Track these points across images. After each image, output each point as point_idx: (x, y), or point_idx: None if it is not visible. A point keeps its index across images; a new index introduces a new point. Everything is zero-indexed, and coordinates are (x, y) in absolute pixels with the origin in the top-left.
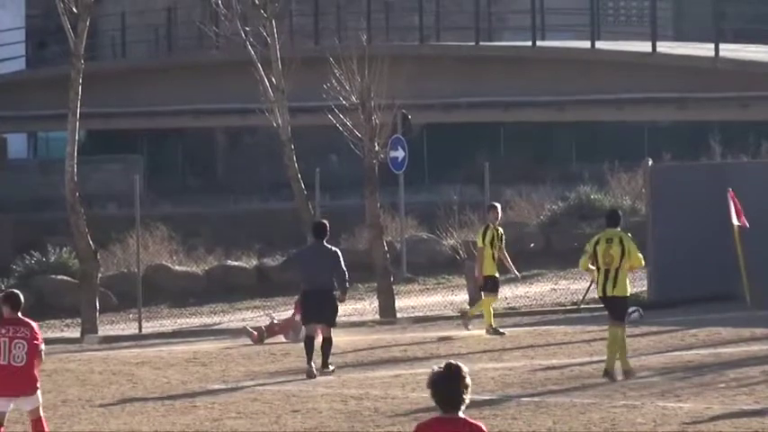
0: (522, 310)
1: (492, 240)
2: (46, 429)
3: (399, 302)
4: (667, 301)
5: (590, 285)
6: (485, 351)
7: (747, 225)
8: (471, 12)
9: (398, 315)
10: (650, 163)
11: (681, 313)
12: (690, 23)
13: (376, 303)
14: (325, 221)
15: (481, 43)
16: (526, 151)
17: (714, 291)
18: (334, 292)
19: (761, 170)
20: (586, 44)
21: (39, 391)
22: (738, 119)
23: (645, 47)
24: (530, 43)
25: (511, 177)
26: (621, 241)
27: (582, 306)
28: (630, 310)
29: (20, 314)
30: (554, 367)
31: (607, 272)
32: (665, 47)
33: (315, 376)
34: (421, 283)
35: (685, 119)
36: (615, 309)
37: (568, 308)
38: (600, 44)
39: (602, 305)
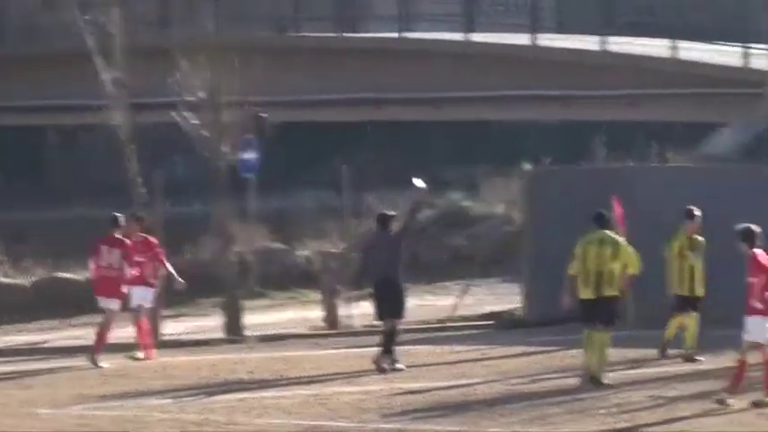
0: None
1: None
2: None
3: (247, 319)
4: (545, 318)
5: (459, 301)
6: (338, 373)
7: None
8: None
9: (245, 333)
10: (528, 167)
11: (559, 332)
12: (574, 14)
13: (221, 320)
14: (390, 213)
15: (344, 34)
16: (391, 153)
17: None
18: (401, 282)
19: (649, 175)
20: (460, 36)
21: None
22: (626, 119)
23: (524, 39)
24: (397, 34)
25: (375, 181)
26: (614, 243)
27: (450, 324)
28: None
29: None
30: (416, 391)
31: (600, 273)
32: (546, 39)
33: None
34: (272, 298)
35: (568, 118)
36: (605, 311)
37: (434, 326)
38: (475, 36)
39: (472, 323)
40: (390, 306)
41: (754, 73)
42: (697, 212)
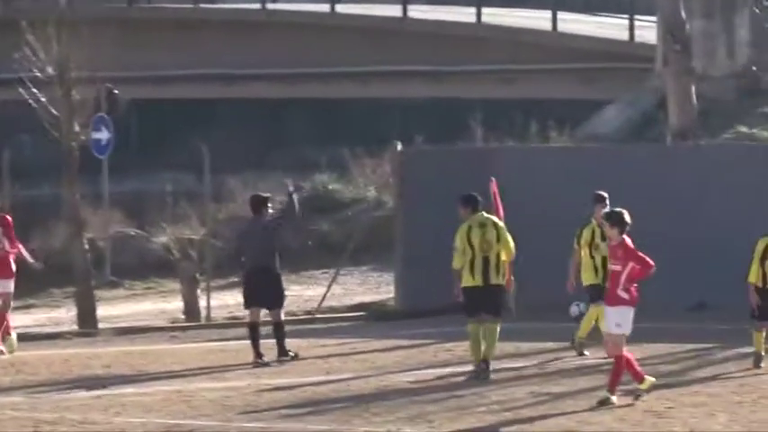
0: (246, 319)
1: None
2: None
3: (102, 311)
4: (418, 310)
5: (327, 291)
6: (201, 368)
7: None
8: None
9: (100, 325)
10: (399, 147)
11: (434, 324)
12: None
13: (74, 312)
14: (265, 194)
15: (201, 5)
16: (254, 133)
17: None
18: (278, 270)
19: (529, 156)
20: (326, 7)
21: None
22: (503, 96)
23: (395, 11)
24: (259, 5)
25: (235, 164)
26: (495, 226)
27: (317, 316)
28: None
29: None
30: (284, 387)
31: (486, 259)
32: (417, 11)
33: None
34: (128, 288)
35: (441, 95)
36: (494, 300)
37: (302, 318)
38: (341, 7)
39: (341, 315)
40: (268, 296)
41: (640, 47)
42: (605, 196)
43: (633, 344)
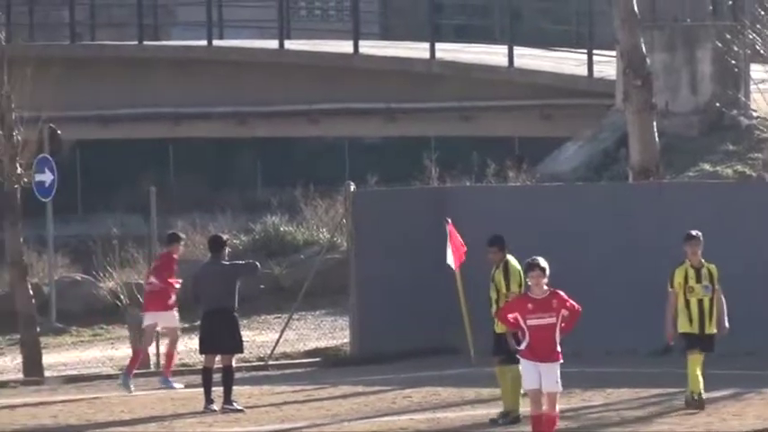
0: (198, 366)
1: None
2: None
3: (48, 358)
4: (375, 355)
5: (280, 336)
6: (152, 417)
7: (456, 267)
8: (133, 4)
9: (47, 373)
10: (352, 188)
11: (392, 370)
12: (400, 19)
13: (19, 359)
14: (222, 235)
15: (145, 42)
16: (201, 174)
17: (432, 343)
18: (236, 314)
19: (486, 196)
20: (274, 44)
21: None
22: (459, 134)
23: (345, 47)
24: (205, 42)
25: (183, 205)
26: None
27: (271, 362)
28: None
29: None
30: None
31: None
32: (369, 47)
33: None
34: (74, 335)
35: (395, 134)
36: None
37: (255, 364)
38: (290, 44)
39: (295, 361)
40: (226, 340)
41: (600, 82)
42: (698, 234)
43: (597, 389)
